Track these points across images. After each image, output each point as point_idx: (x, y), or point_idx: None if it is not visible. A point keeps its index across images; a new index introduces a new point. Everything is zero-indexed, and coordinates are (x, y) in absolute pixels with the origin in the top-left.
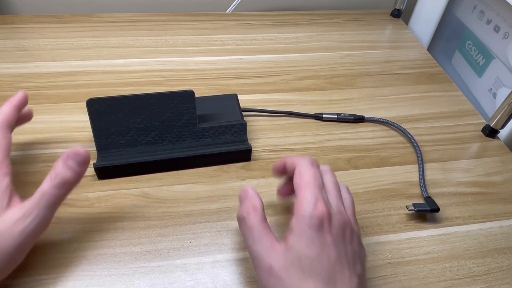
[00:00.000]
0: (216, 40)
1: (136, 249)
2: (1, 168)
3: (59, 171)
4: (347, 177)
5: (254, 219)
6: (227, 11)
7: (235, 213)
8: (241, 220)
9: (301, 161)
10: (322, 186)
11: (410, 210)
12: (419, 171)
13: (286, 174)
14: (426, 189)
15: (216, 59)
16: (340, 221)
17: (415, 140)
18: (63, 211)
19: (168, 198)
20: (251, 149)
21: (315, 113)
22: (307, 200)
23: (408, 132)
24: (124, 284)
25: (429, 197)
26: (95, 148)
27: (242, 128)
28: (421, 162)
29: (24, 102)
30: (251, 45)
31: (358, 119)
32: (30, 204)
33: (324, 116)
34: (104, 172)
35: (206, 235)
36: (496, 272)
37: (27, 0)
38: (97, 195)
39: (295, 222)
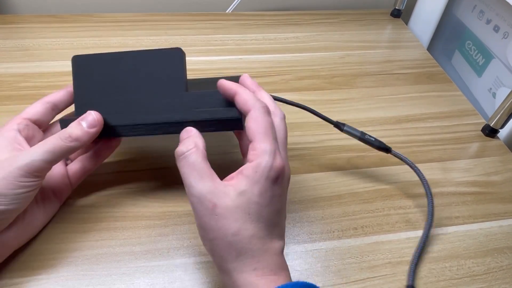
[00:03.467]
0: (216, 40)
1: (136, 249)
2: (13, 124)
3: (69, 127)
4: (347, 177)
5: (195, 156)
6: (227, 11)
7: None
8: (180, 156)
9: (257, 106)
10: (276, 136)
11: None
12: (418, 245)
13: (230, 100)
14: (414, 276)
15: (216, 59)
16: (288, 175)
17: (432, 203)
18: (63, 210)
19: (168, 198)
20: (240, 118)
21: (337, 121)
22: (266, 152)
23: (430, 192)
24: (124, 284)
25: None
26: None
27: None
28: (430, 222)
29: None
30: (251, 45)
31: (383, 149)
32: (32, 147)
33: (345, 128)
34: None
35: None
36: (495, 271)
37: (27, 0)
38: (97, 194)
39: (251, 170)
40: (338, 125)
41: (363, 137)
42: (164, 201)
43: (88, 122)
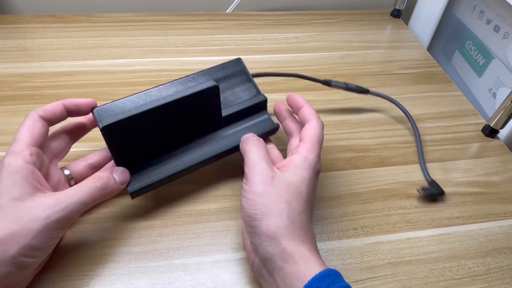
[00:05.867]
0: (216, 40)
1: (136, 249)
2: (24, 155)
3: (104, 176)
4: (347, 177)
5: (263, 145)
6: (227, 11)
7: (235, 213)
8: (252, 141)
9: (319, 120)
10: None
11: (422, 193)
12: (418, 153)
13: (292, 111)
14: (428, 173)
15: (216, 59)
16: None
17: (413, 120)
18: None
19: (168, 198)
20: (278, 127)
21: (324, 79)
22: (314, 151)
23: (407, 111)
24: (124, 284)
25: (434, 181)
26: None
27: (264, 104)
28: (419, 143)
29: (77, 108)
30: (251, 45)
31: (363, 91)
32: (66, 195)
33: (333, 82)
34: (138, 193)
35: (206, 235)
36: (496, 272)
37: (27, 0)
38: None
39: (300, 159)
40: (327, 82)
41: (347, 86)
42: (164, 201)
43: (120, 179)
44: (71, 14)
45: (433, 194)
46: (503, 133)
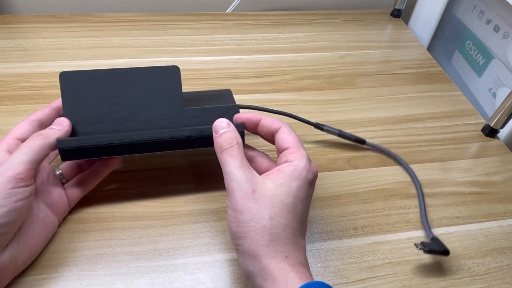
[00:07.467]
0: (216, 40)
1: (136, 249)
2: (2, 145)
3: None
4: (347, 177)
5: (237, 150)
6: (227, 11)
7: None
8: (224, 150)
9: (286, 124)
10: None
11: (420, 249)
12: (420, 209)
13: (256, 129)
14: (430, 229)
15: (216, 59)
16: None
17: (416, 177)
18: None
19: (168, 198)
20: (243, 131)
21: (316, 122)
22: (304, 156)
23: (410, 168)
24: (124, 284)
25: (435, 238)
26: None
27: (235, 112)
28: (422, 198)
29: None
30: (251, 45)
31: (359, 141)
32: (10, 157)
33: (325, 128)
34: (70, 154)
35: (206, 234)
36: (495, 271)
37: (27, 0)
38: (97, 194)
39: (290, 168)
40: (318, 126)
41: (341, 134)
42: (164, 201)
43: (60, 123)
44: (71, 14)
45: (434, 251)
46: (503, 133)
